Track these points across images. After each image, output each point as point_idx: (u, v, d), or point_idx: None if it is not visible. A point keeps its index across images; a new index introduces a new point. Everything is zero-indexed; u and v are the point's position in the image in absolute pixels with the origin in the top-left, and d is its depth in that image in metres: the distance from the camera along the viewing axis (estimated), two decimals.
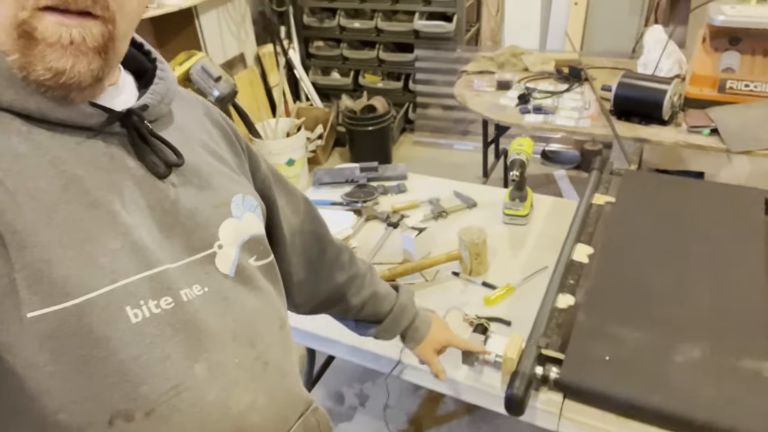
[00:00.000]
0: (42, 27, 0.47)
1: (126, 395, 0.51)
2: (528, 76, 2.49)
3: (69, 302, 0.48)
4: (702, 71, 2.06)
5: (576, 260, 1.28)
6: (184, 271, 0.58)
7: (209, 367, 0.57)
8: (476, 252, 1.35)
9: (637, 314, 1.11)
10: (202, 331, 0.57)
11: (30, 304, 0.47)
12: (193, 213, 0.61)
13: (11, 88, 0.49)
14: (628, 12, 3.27)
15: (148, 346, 0.52)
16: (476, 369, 1.13)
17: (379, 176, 1.81)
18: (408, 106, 3.70)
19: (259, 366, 0.63)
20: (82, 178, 0.52)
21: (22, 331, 0.46)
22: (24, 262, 0.47)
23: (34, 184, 0.49)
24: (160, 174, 0.59)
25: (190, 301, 0.57)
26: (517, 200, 1.56)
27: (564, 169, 3.22)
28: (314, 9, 3.67)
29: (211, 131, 0.72)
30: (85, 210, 0.51)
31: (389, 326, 0.99)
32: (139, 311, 0.52)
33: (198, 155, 0.65)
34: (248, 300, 0.64)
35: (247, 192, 0.69)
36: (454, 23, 3.30)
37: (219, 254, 0.62)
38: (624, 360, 1.02)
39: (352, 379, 2.06)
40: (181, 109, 0.68)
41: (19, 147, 0.49)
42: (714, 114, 1.96)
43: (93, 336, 0.49)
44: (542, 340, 1.07)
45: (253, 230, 0.68)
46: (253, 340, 0.63)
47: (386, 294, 1.00)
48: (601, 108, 2.13)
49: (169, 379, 0.54)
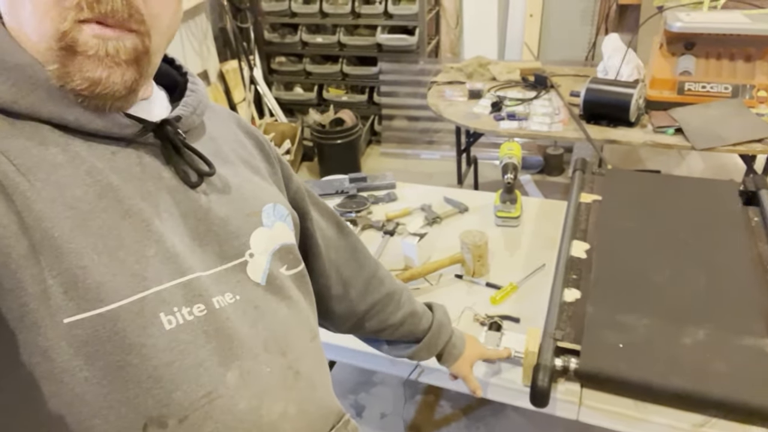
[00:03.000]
0: (82, 39, 0.49)
1: (159, 401, 0.52)
2: (496, 84, 2.58)
3: (104, 308, 0.49)
4: (661, 75, 2.19)
5: (575, 256, 1.34)
6: (216, 279, 0.59)
7: (241, 375, 0.57)
8: (479, 254, 1.38)
9: (641, 302, 1.17)
10: (233, 338, 0.57)
11: (66, 309, 0.47)
12: (225, 222, 0.61)
13: (51, 100, 0.51)
14: (580, 22, 3.43)
15: (182, 353, 0.53)
16: (494, 366, 1.16)
17: (368, 186, 1.83)
18: (373, 119, 3.74)
19: (291, 375, 0.63)
20: (117, 187, 0.53)
21: (58, 337, 0.47)
22: (60, 268, 0.48)
23: (71, 192, 0.50)
24: (192, 183, 0.60)
25: (222, 308, 0.57)
26: (508, 202, 1.61)
27: (529, 174, 3.33)
28: (275, 25, 3.67)
29: (244, 141, 0.73)
30: (120, 218, 0.52)
31: (428, 344, 0.98)
32: (173, 318, 0.53)
33: (230, 165, 0.67)
34: (279, 309, 0.64)
35: (278, 201, 0.70)
36: (416, 36, 3.37)
37: (250, 263, 0.63)
38: (636, 346, 1.07)
39: (347, 390, 2.06)
40: (213, 121, 0.69)
41: (56, 157, 0.50)
42: (677, 114, 2.09)
43: (127, 342, 0.50)
44: (557, 333, 1.12)
45: (284, 239, 0.68)
46: (284, 349, 0.63)
47: (423, 312, 0.99)
48: (570, 113, 2.23)
49: (202, 386, 0.54)
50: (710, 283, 1.20)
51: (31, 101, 0.50)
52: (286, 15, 3.56)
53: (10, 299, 0.46)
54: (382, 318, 0.93)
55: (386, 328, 0.94)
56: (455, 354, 1.03)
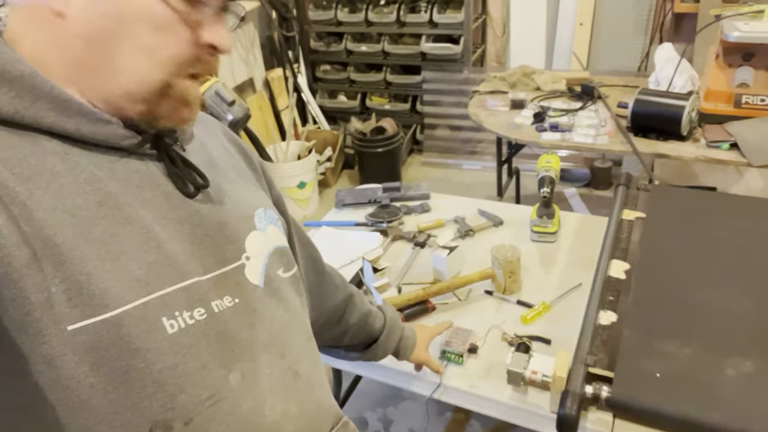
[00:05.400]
0: (182, 87, 0.56)
1: (164, 405, 0.52)
2: (541, 95, 2.51)
3: (107, 314, 0.49)
4: (716, 87, 2.07)
5: (613, 276, 1.27)
6: (215, 283, 0.60)
7: (243, 377, 0.59)
8: (510, 270, 1.33)
9: (682, 329, 1.09)
10: (234, 341, 0.59)
11: (70, 317, 0.48)
12: (220, 226, 0.63)
13: (52, 111, 0.51)
14: (633, 31, 3.31)
15: (185, 356, 0.54)
16: (521, 389, 1.11)
17: (402, 196, 1.80)
18: (415, 128, 3.71)
19: (290, 376, 0.65)
20: (116, 195, 0.54)
21: (62, 344, 0.47)
22: (64, 275, 0.48)
23: (71, 200, 0.51)
24: (189, 194, 0.61)
25: (221, 312, 0.58)
26: (545, 217, 1.55)
27: (574, 187, 3.22)
28: (321, 33, 3.71)
29: (230, 148, 0.76)
30: (120, 225, 0.53)
31: (385, 341, 1.02)
32: (175, 322, 0.54)
33: (221, 171, 0.69)
34: (277, 311, 0.66)
35: (267, 205, 0.72)
36: (461, 45, 3.33)
37: (247, 266, 0.64)
38: (675, 376, 1.00)
39: (375, 404, 2.02)
40: (201, 129, 0.72)
41: (56, 166, 0.51)
42: (732, 128, 1.97)
43: (131, 347, 0.50)
44: (589, 358, 1.05)
45: (278, 242, 0.70)
46: (282, 350, 0.64)
47: (376, 312, 1.04)
48: (617, 125, 2.14)
49: (206, 388, 0.55)
50: (760, 311, 1.11)
51: (33, 112, 0.51)
52: (331, 24, 3.59)
53: (12, 309, 0.46)
54: (342, 321, 0.97)
55: (346, 331, 0.99)
56: (410, 346, 1.07)
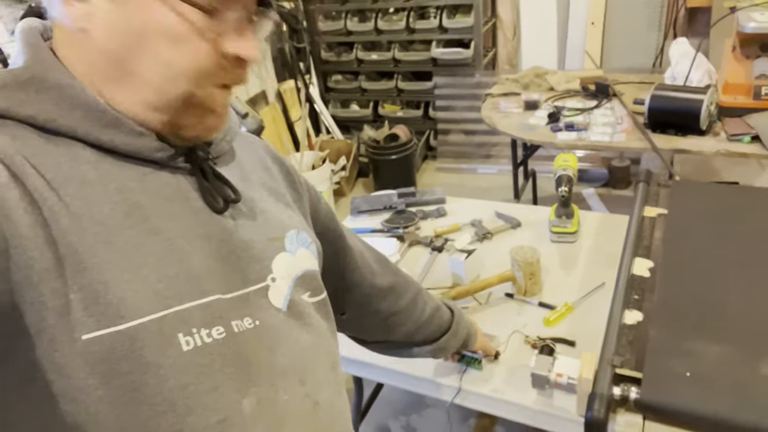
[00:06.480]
0: (206, 96, 0.55)
1: (172, 426, 0.51)
2: (554, 95, 2.48)
3: (122, 325, 0.48)
4: (735, 80, 2.03)
5: (637, 274, 1.24)
6: (237, 302, 0.58)
7: (258, 402, 0.56)
8: (530, 271, 1.31)
9: (711, 327, 1.06)
10: (251, 364, 0.57)
11: (85, 326, 0.47)
12: (248, 245, 0.61)
13: (88, 120, 0.52)
14: (647, 28, 3.27)
15: (198, 376, 0.52)
16: (546, 392, 1.08)
17: (417, 201, 1.79)
18: (429, 133, 3.70)
19: (309, 405, 0.62)
20: (144, 206, 0.54)
21: (74, 353, 0.47)
22: (82, 283, 0.47)
23: (99, 209, 0.51)
24: (218, 210, 0.60)
25: (241, 332, 0.57)
26: (564, 217, 1.53)
27: (593, 188, 3.18)
28: (331, 44, 3.72)
29: (271, 167, 0.74)
30: (145, 236, 0.52)
31: (455, 331, 1.03)
32: (191, 339, 0.52)
33: (256, 190, 0.68)
34: (300, 336, 0.64)
35: (301, 228, 0.70)
36: (471, 49, 3.32)
37: (272, 287, 0.62)
38: (706, 375, 0.97)
39: (398, 412, 2.00)
40: (242, 148, 0.71)
41: (88, 174, 0.51)
42: (753, 121, 1.92)
43: (144, 361, 0.49)
44: (616, 358, 1.02)
45: (307, 265, 0.68)
46: (303, 377, 0.62)
47: (440, 304, 1.04)
48: (634, 122, 2.11)
49: (216, 411, 0.53)
50: None
51: (70, 120, 0.51)
52: (341, 34, 3.61)
53: (30, 313, 0.46)
54: (414, 318, 0.97)
55: (420, 327, 0.98)
56: (474, 333, 1.09)
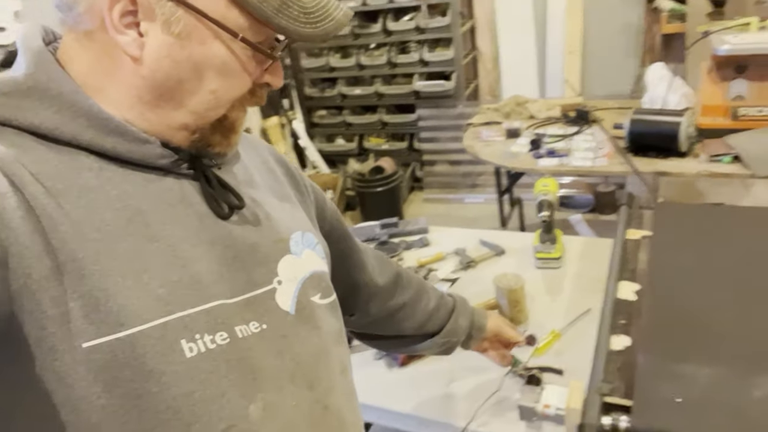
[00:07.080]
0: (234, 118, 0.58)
1: None
2: (535, 122, 2.50)
3: (123, 332, 0.48)
4: (712, 101, 2.05)
5: (623, 298, 1.21)
6: (242, 306, 0.57)
7: (265, 408, 0.55)
8: (515, 299, 1.28)
9: (701, 349, 1.03)
10: (257, 369, 0.55)
11: (85, 333, 0.46)
12: (252, 248, 0.60)
13: (91, 128, 0.52)
14: (624, 56, 3.33)
15: (202, 383, 0.51)
16: (535, 424, 1.04)
17: (400, 231, 1.76)
18: (414, 165, 3.71)
19: (318, 410, 0.60)
20: (147, 212, 0.53)
21: (75, 362, 0.46)
22: (82, 290, 0.47)
23: (100, 216, 0.50)
24: (223, 215, 0.59)
25: (245, 338, 0.55)
26: (548, 243, 1.50)
27: (580, 214, 3.18)
28: (315, 80, 3.76)
29: (275, 169, 0.74)
30: (147, 242, 0.52)
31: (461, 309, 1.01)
32: (194, 345, 0.51)
33: (260, 193, 0.67)
34: (309, 339, 0.62)
35: (306, 229, 0.69)
36: (453, 81, 3.35)
37: (279, 290, 0.61)
38: (697, 400, 0.93)
39: None
40: (247, 150, 0.71)
41: (89, 181, 0.51)
42: (732, 141, 1.93)
43: (146, 368, 0.48)
44: (605, 386, 0.99)
45: (315, 267, 0.67)
46: (311, 381, 0.60)
47: (443, 293, 1.03)
48: (615, 146, 2.11)
49: (222, 419, 0.52)
50: None
51: (73, 128, 0.51)
52: (325, 70, 3.64)
53: (29, 322, 0.45)
54: (421, 308, 0.96)
55: (430, 317, 0.97)
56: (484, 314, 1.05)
